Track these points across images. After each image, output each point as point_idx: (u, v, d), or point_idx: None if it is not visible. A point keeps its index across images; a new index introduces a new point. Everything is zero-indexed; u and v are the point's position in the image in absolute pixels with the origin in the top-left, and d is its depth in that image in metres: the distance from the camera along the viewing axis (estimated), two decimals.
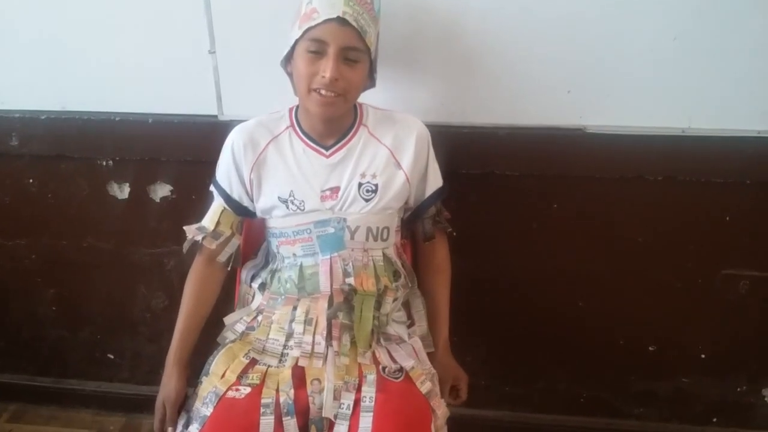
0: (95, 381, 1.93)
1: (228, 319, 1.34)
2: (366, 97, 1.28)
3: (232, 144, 1.27)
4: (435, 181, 1.32)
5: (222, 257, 1.32)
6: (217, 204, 1.31)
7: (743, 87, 1.39)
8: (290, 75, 1.22)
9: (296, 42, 1.14)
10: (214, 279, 1.34)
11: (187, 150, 1.55)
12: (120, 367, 1.91)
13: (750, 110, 1.41)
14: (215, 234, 1.29)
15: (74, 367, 1.93)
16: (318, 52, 1.12)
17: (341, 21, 1.10)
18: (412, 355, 1.27)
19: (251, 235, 1.39)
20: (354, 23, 1.10)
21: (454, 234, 1.42)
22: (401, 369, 1.21)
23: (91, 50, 1.50)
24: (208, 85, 1.49)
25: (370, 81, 1.24)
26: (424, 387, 1.19)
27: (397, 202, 1.27)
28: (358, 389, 1.16)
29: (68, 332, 1.87)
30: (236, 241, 1.33)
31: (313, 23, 1.11)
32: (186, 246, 1.31)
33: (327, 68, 1.11)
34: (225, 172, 1.29)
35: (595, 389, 1.77)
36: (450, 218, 1.39)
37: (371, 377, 1.17)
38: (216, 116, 1.52)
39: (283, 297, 1.28)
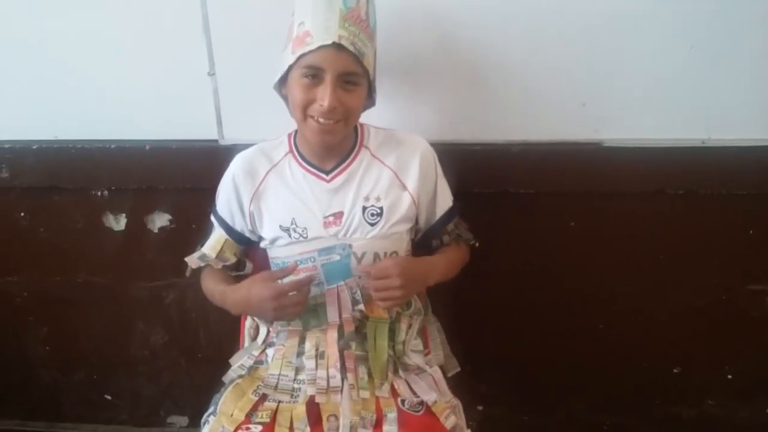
0: (91, 424, 1.89)
1: (234, 360, 1.29)
2: (371, 116, 1.25)
3: (233, 175, 1.24)
4: (445, 201, 1.28)
5: (232, 273, 1.31)
6: (219, 234, 1.28)
7: (762, 95, 1.38)
8: (285, 98, 1.19)
9: (290, 67, 1.10)
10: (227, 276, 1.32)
11: (186, 177, 1.52)
12: (118, 408, 1.87)
13: None
14: (218, 260, 1.27)
15: (69, 410, 1.89)
16: (314, 76, 1.08)
17: (337, 47, 1.06)
18: (432, 386, 1.22)
19: (256, 264, 1.35)
20: (351, 47, 1.06)
21: (477, 246, 1.36)
22: (422, 402, 1.16)
23: (85, 74, 1.48)
24: (208, 108, 1.47)
25: (369, 100, 1.21)
26: (449, 422, 1.14)
27: (404, 225, 1.23)
28: (377, 425, 1.11)
29: (62, 373, 1.84)
30: (249, 264, 1.31)
31: (307, 49, 1.06)
32: (188, 272, 1.28)
33: (324, 97, 1.07)
34: (226, 203, 1.26)
35: (617, 415, 1.74)
36: (469, 228, 1.34)
37: (392, 415, 1.12)
38: (216, 141, 1.50)
39: (286, 331, 1.24)
